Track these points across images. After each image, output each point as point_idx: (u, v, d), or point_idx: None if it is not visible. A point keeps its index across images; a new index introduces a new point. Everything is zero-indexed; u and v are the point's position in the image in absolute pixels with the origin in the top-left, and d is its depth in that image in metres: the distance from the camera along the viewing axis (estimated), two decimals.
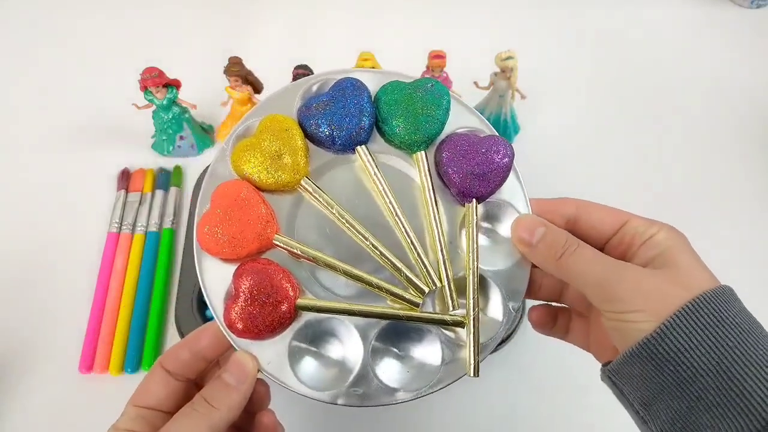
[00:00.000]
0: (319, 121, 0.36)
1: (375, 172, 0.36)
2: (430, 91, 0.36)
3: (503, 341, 0.52)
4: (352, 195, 0.37)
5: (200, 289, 0.55)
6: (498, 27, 0.78)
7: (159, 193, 0.62)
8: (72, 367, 0.52)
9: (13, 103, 0.71)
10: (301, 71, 0.57)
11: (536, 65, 0.71)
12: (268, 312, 0.33)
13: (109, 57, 0.75)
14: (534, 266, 0.36)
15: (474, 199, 0.36)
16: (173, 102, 0.60)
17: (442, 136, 0.37)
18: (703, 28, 0.79)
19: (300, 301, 0.34)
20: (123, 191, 0.62)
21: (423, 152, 0.36)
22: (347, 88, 0.36)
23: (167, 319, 0.55)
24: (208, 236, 0.34)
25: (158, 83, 0.58)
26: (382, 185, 0.36)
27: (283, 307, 0.33)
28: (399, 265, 0.35)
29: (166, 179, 0.63)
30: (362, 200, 0.37)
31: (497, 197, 0.37)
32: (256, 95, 0.62)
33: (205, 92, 0.64)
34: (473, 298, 0.34)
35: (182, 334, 0.52)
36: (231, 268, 0.34)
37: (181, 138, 0.63)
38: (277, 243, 0.34)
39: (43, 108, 0.70)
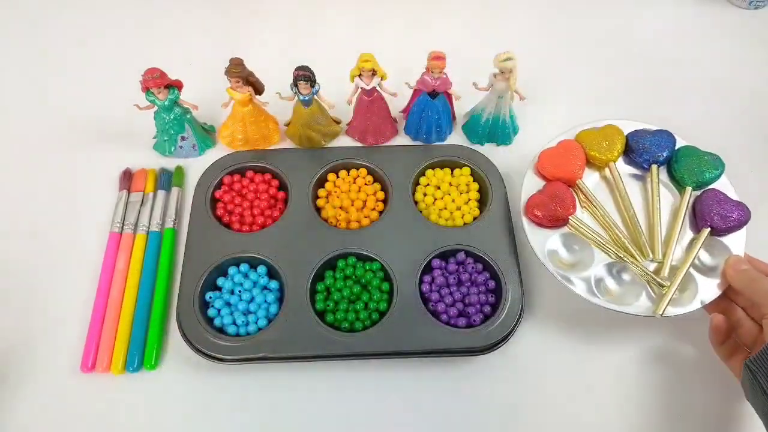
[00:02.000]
0: (639, 140, 0.59)
1: (657, 183, 0.57)
2: (714, 159, 0.57)
3: (503, 340, 0.53)
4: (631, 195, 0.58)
5: (202, 288, 0.56)
6: (497, 28, 0.79)
7: (161, 193, 0.62)
8: (74, 367, 0.52)
9: (14, 104, 0.71)
10: (302, 72, 0.57)
11: (536, 66, 0.71)
12: (554, 209, 0.54)
13: (111, 57, 0.75)
14: (725, 292, 0.51)
15: (710, 228, 0.54)
16: (175, 103, 0.61)
17: (708, 187, 0.57)
18: (701, 28, 0.79)
19: (573, 216, 0.55)
20: (125, 191, 0.62)
21: (691, 188, 0.56)
22: (665, 134, 0.59)
23: (169, 319, 0.55)
24: (547, 159, 0.58)
25: (160, 84, 0.58)
26: (658, 193, 0.57)
27: (564, 213, 0.54)
28: (645, 238, 0.54)
29: (167, 179, 0.63)
30: (634, 200, 0.57)
31: (723, 241, 0.54)
32: (257, 96, 0.62)
33: (205, 93, 0.64)
34: (683, 274, 0.52)
35: (184, 334, 0.52)
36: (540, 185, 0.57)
37: (183, 139, 0.64)
38: (578, 185, 0.57)
39: (44, 108, 0.71)
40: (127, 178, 0.63)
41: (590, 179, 0.59)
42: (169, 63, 0.60)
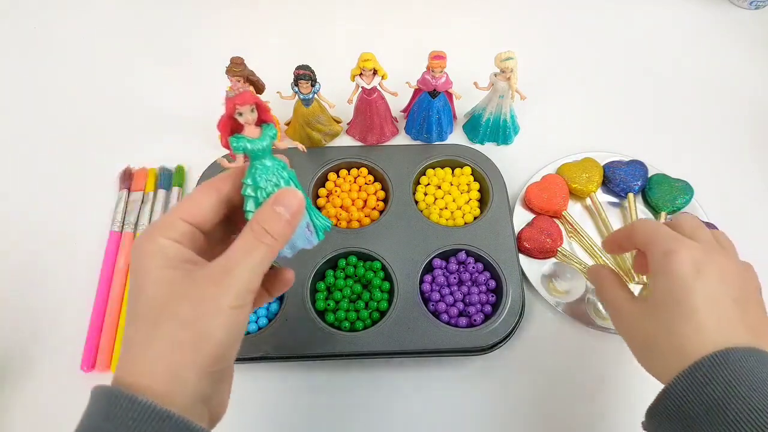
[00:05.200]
0: (615, 171, 0.63)
1: (635, 210, 0.61)
2: (683, 186, 0.62)
3: (503, 340, 0.52)
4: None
5: None
6: (498, 27, 0.79)
7: (161, 192, 0.62)
8: (74, 366, 0.52)
9: (16, 102, 0.71)
10: (303, 71, 0.57)
11: (536, 65, 0.71)
12: (543, 241, 0.58)
13: (109, 55, 0.75)
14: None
15: None
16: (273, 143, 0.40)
17: (681, 211, 0.61)
18: (701, 28, 0.79)
19: (560, 247, 0.58)
20: (125, 190, 0.62)
21: (665, 213, 0.61)
22: (639, 165, 0.63)
23: None
24: (535, 191, 0.61)
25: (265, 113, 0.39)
26: (637, 219, 0.60)
27: (553, 245, 0.58)
28: (630, 263, 0.58)
29: (168, 179, 0.63)
30: (615, 226, 0.61)
31: None
32: (258, 96, 0.62)
33: (207, 92, 0.64)
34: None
35: None
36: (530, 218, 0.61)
37: None
38: (564, 215, 0.61)
39: (45, 106, 0.71)
40: (128, 177, 0.63)
41: (574, 209, 0.62)
42: (169, 62, 0.60)
